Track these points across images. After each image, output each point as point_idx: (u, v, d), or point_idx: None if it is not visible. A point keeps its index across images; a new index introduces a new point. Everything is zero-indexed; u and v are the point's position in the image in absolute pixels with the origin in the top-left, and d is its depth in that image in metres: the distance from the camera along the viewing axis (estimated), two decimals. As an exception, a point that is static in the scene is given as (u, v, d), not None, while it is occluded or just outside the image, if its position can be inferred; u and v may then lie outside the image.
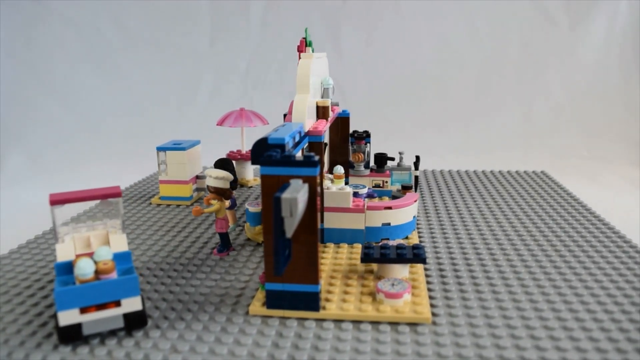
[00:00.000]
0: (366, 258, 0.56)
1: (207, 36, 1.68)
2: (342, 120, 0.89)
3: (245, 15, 1.67)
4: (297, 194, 0.41)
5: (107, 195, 0.53)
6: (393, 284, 0.52)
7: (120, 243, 0.53)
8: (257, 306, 0.51)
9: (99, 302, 0.45)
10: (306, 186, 0.45)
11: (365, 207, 0.68)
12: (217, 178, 0.64)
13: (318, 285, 0.50)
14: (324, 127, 0.69)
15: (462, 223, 0.77)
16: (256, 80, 1.67)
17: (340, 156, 0.89)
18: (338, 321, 0.49)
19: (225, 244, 0.67)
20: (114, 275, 0.46)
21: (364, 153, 0.89)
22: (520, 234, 0.73)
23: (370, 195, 0.79)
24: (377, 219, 0.68)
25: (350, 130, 0.90)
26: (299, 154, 0.57)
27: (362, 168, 0.89)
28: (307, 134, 0.64)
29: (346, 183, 0.86)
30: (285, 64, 1.57)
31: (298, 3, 1.62)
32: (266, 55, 1.66)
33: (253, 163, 0.49)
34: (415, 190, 0.93)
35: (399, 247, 0.57)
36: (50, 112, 1.53)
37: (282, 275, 0.49)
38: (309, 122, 0.67)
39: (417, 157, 0.92)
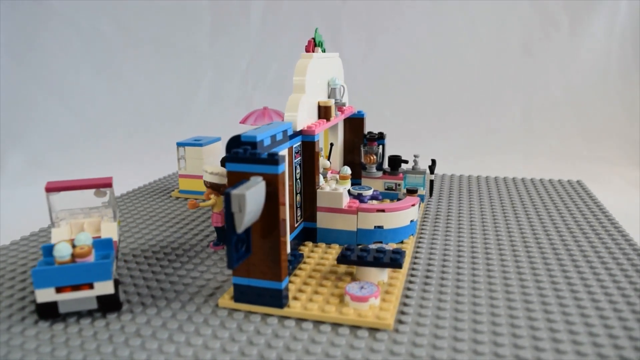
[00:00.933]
0: (342, 259, 0.55)
1: (207, 36, 1.69)
2: (357, 122, 0.88)
3: (245, 15, 1.67)
4: (246, 190, 0.42)
5: (98, 185, 0.57)
6: (362, 287, 0.52)
7: (110, 230, 0.57)
8: (226, 299, 0.53)
9: (72, 284, 0.48)
10: (262, 183, 0.46)
11: (358, 208, 0.67)
12: (213, 173, 0.66)
13: (282, 283, 0.50)
14: (323, 127, 0.70)
15: (470, 231, 0.74)
16: (256, 80, 1.69)
17: (354, 157, 0.89)
18: (301, 320, 0.50)
19: (220, 238, 0.69)
20: (90, 259, 0.49)
21: (376, 155, 0.88)
22: (529, 248, 0.68)
23: (374, 198, 0.78)
24: (369, 221, 0.67)
25: (366, 132, 0.89)
26: (283, 153, 0.58)
27: (374, 170, 0.88)
28: (301, 133, 0.65)
29: (357, 184, 0.85)
30: (286, 63, 1.58)
31: (298, 3, 1.64)
32: (266, 55, 1.68)
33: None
34: (430, 195, 0.90)
35: (378, 250, 0.56)
36: (51, 112, 1.54)
37: (248, 270, 0.50)
38: (308, 121, 0.67)
39: (433, 161, 0.89)
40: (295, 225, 0.66)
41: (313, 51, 0.77)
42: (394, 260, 0.54)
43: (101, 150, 1.50)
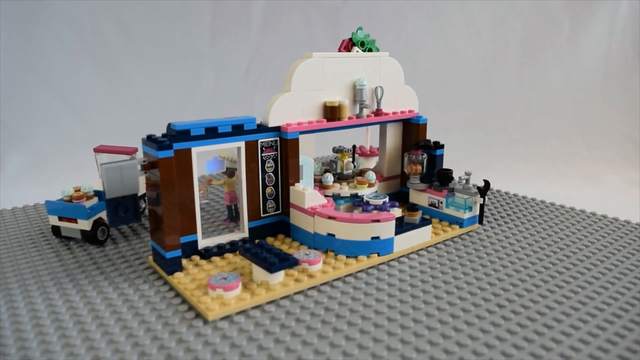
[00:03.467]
0: (241, 251, 0.58)
1: (208, 36, 1.66)
2: (414, 127, 0.81)
3: (246, 15, 1.66)
4: (111, 165, 0.52)
5: (128, 152, 0.76)
6: (224, 278, 0.54)
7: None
8: (150, 259, 0.63)
9: (64, 216, 0.68)
10: (133, 163, 0.54)
11: (314, 211, 0.65)
12: (222, 158, 0.76)
13: (167, 253, 0.57)
14: (306, 127, 0.69)
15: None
16: (257, 80, 1.65)
17: (394, 165, 0.83)
18: (174, 290, 0.56)
19: (230, 215, 0.79)
20: (82, 202, 0.68)
21: (421, 164, 0.79)
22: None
23: (394, 206, 0.72)
24: (322, 226, 0.64)
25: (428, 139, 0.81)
26: (232, 146, 0.64)
27: (418, 181, 0.79)
28: (279, 129, 0.68)
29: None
30: (286, 63, 1.47)
31: (298, 3, 1.64)
32: (267, 55, 1.66)
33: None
34: (480, 222, 0.75)
35: (268, 250, 0.56)
36: (51, 111, 1.53)
37: (156, 235, 0.60)
38: (291, 119, 0.69)
39: (486, 183, 0.74)
40: (263, 216, 0.69)
41: (347, 50, 0.76)
42: (270, 263, 0.54)
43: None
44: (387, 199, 0.71)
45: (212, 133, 0.62)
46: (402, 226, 0.66)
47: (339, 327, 0.49)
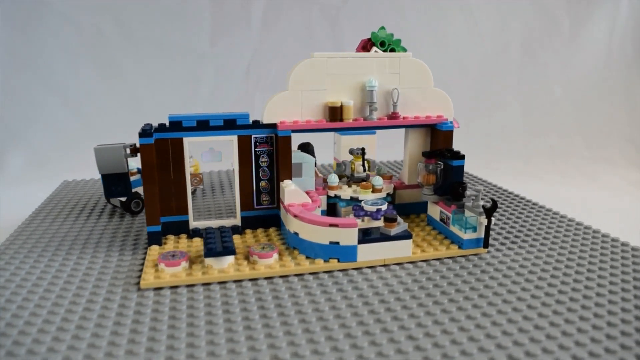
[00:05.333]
0: (204, 231, 0.63)
1: (208, 36, 1.63)
2: (440, 134, 0.75)
3: (246, 15, 1.63)
4: (100, 147, 0.63)
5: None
6: (173, 255, 0.60)
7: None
8: (153, 230, 0.73)
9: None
10: (118, 147, 0.64)
11: (287, 209, 0.66)
12: None
13: (148, 227, 0.66)
14: (301, 126, 0.70)
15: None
16: (257, 80, 1.64)
17: (416, 172, 0.77)
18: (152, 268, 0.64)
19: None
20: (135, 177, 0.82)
21: (436, 175, 0.72)
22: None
23: (372, 217, 0.68)
24: (291, 224, 0.65)
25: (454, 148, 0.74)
26: (224, 139, 0.69)
27: (431, 192, 0.72)
28: (275, 126, 0.70)
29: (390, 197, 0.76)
30: (287, 63, 1.30)
31: (298, 3, 1.61)
32: (267, 55, 1.63)
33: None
34: (485, 246, 0.66)
35: (225, 237, 0.60)
36: (51, 111, 1.53)
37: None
38: (288, 117, 0.71)
39: (494, 203, 0.64)
40: (256, 207, 0.73)
41: (365, 50, 0.75)
42: (208, 248, 0.58)
43: None
44: (384, 207, 0.68)
45: (204, 125, 0.68)
46: (369, 235, 0.62)
47: (233, 327, 0.50)
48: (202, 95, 1.62)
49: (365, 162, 0.79)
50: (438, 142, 0.76)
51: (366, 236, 0.62)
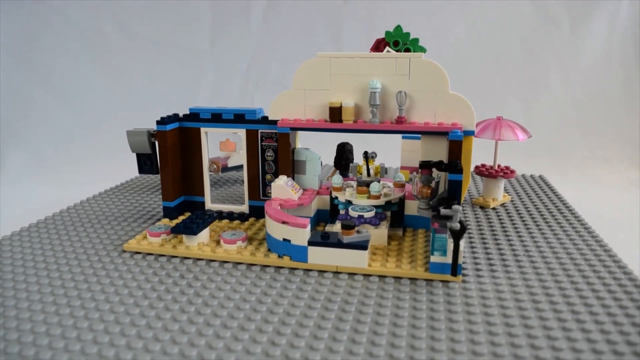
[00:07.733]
0: (196, 212, 0.71)
1: (208, 36, 1.65)
2: (452, 143, 0.68)
3: (246, 14, 1.64)
4: (131, 131, 0.76)
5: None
6: (160, 228, 0.69)
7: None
8: (183, 206, 0.84)
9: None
10: (143, 131, 0.75)
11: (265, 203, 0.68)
12: None
13: (163, 202, 0.77)
14: (301, 124, 0.71)
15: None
16: (257, 79, 1.64)
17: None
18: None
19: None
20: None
21: (430, 187, 0.64)
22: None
23: (371, 222, 0.66)
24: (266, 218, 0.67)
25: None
26: (233, 131, 0.75)
27: (425, 206, 0.65)
28: (277, 124, 0.74)
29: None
30: (287, 63, 1.49)
31: (299, 3, 1.62)
32: (267, 55, 1.64)
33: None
34: (454, 274, 0.58)
35: (203, 219, 0.67)
36: (51, 110, 1.50)
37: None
38: (292, 115, 0.73)
39: (462, 226, 0.55)
40: (262, 198, 0.78)
41: (378, 50, 0.72)
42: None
43: (101, 149, 1.46)
44: (371, 214, 0.66)
45: (218, 119, 0.76)
46: (322, 239, 0.61)
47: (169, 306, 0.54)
48: (202, 95, 1.62)
49: (374, 166, 0.76)
50: (450, 152, 0.68)
51: (322, 239, 0.61)
